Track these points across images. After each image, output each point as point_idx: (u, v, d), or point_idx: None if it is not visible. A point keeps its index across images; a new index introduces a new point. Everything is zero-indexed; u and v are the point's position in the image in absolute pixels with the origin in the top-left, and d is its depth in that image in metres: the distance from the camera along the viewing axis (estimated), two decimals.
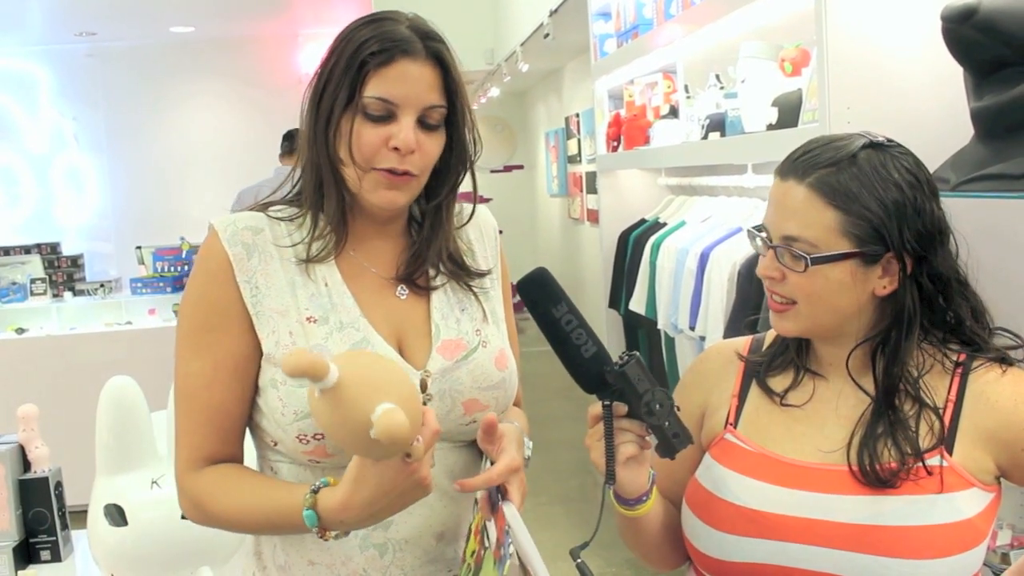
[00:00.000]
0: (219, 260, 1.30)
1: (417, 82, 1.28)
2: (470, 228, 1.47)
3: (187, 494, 1.32)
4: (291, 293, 1.31)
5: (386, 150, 1.28)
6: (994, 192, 1.65)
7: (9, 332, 5.56)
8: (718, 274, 2.98)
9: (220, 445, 1.31)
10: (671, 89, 3.72)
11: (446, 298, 1.40)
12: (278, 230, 1.34)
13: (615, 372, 1.19)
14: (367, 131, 1.28)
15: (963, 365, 1.27)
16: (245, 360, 1.30)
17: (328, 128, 1.29)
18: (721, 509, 1.28)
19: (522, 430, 1.38)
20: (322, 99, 1.30)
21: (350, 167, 1.29)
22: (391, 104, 1.27)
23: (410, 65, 1.27)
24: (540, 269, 1.23)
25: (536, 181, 11.53)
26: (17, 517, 2.16)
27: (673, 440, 1.20)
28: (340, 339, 1.30)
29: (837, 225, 1.22)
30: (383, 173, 1.29)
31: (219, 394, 1.30)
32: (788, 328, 1.30)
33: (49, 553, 2.19)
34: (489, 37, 8.43)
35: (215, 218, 1.34)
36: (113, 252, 7.55)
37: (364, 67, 1.27)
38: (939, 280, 1.25)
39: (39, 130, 7.76)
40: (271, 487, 1.30)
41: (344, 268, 1.35)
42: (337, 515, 1.18)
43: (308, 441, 1.27)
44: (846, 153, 1.23)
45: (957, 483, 1.21)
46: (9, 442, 2.20)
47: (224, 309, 1.30)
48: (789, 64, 2.53)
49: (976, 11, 1.61)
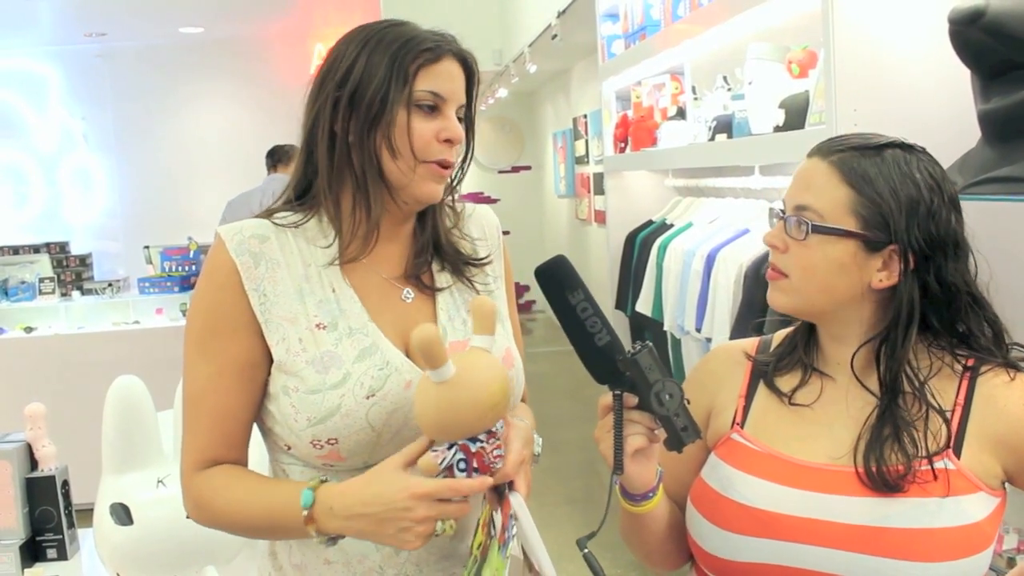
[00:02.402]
0: (227, 269, 1.31)
1: (457, 79, 1.34)
2: (473, 227, 1.48)
3: (191, 495, 1.33)
4: (299, 300, 1.32)
5: (437, 143, 1.32)
6: (1002, 195, 1.64)
7: (17, 331, 5.58)
8: (725, 276, 2.98)
9: (225, 449, 1.33)
10: (678, 90, 3.72)
11: (452, 299, 1.41)
12: (284, 240, 1.35)
13: (627, 359, 1.19)
14: (421, 124, 1.31)
15: (971, 370, 1.26)
16: (252, 366, 1.31)
17: (376, 124, 1.30)
18: (728, 509, 1.28)
19: (531, 427, 1.39)
20: (365, 96, 1.30)
21: (401, 160, 1.31)
22: (440, 98, 1.32)
23: (453, 63, 1.34)
24: (559, 256, 1.24)
25: (544, 182, 11.54)
26: (24, 515, 2.17)
27: (682, 433, 1.20)
28: (349, 344, 1.31)
29: (847, 202, 1.24)
30: (433, 165, 1.32)
31: (225, 399, 1.31)
32: (778, 301, 1.31)
33: (56, 551, 2.20)
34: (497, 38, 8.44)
35: (222, 227, 1.35)
36: (121, 251, 7.58)
37: (416, 62, 1.30)
38: (947, 288, 1.24)
39: (48, 130, 7.79)
40: (273, 483, 1.34)
41: (350, 273, 1.36)
42: (331, 498, 1.21)
43: (322, 446, 1.28)
44: (874, 144, 1.27)
45: (965, 487, 1.21)
46: (16, 440, 2.21)
47: (232, 316, 1.31)
48: (796, 66, 2.53)
49: (983, 13, 1.60)
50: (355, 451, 1.29)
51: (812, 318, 1.32)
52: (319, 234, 1.36)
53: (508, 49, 8.08)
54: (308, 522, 1.22)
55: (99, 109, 7.83)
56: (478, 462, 1.19)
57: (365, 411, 1.28)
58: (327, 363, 1.29)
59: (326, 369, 1.29)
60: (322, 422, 1.27)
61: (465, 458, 1.19)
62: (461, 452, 1.18)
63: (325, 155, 1.33)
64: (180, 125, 7.96)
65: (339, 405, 1.27)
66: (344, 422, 1.27)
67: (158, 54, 7.79)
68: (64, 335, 5.56)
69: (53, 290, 5.87)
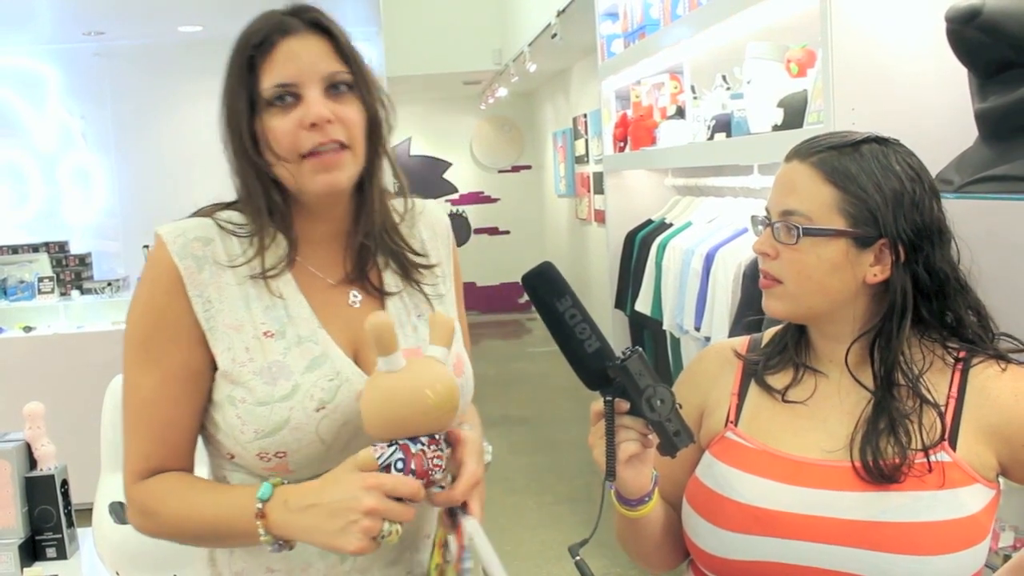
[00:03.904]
0: (169, 273, 1.27)
1: (307, 55, 1.25)
2: (423, 227, 1.44)
3: (135, 503, 1.29)
4: (245, 307, 1.28)
5: (304, 132, 1.24)
6: (998, 194, 1.64)
7: (17, 330, 5.58)
8: (723, 275, 2.98)
9: (170, 458, 1.28)
10: (677, 90, 3.72)
11: (402, 305, 1.38)
12: (230, 244, 1.30)
13: (617, 366, 1.18)
14: (278, 121, 1.25)
15: (963, 361, 1.27)
16: (196, 374, 1.27)
17: (242, 138, 1.26)
18: (724, 507, 1.28)
19: (480, 435, 1.36)
20: (228, 113, 1.27)
21: (280, 165, 1.26)
22: (290, 86, 1.24)
23: (293, 42, 1.25)
24: (545, 263, 1.23)
25: (544, 181, 11.54)
26: (23, 514, 2.17)
27: (674, 438, 1.19)
28: (299, 354, 1.27)
29: (833, 201, 1.24)
30: (312, 157, 1.25)
31: (168, 408, 1.27)
32: (775, 308, 1.31)
33: (55, 550, 2.19)
34: (497, 38, 8.44)
35: (162, 227, 1.30)
36: (120, 251, 7.56)
37: (253, 62, 1.25)
38: (936, 276, 1.25)
39: (47, 129, 7.78)
40: (224, 487, 1.30)
41: (298, 278, 1.31)
42: (287, 492, 1.19)
43: (270, 459, 1.25)
44: (851, 141, 1.27)
45: (961, 479, 1.21)
46: (15, 440, 2.20)
47: (174, 322, 1.26)
48: (795, 65, 2.53)
49: (980, 12, 1.61)
50: (304, 464, 1.25)
51: (809, 321, 1.33)
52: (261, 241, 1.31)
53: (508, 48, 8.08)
54: (259, 517, 1.18)
55: (98, 108, 7.81)
56: (416, 464, 1.17)
57: (315, 424, 1.24)
58: (275, 374, 1.25)
59: (274, 380, 1.24)
60: (270, 435, 1.23)
61: (404, 458, 1.17)
62: (401, 451, 1.17)
63: (235, 177, 1.31)
64: (179, 124, 7.94)
65: (288, 419, 1.23)
66: (293, 436, 1.23)
67: (157, 53, 7.78)
68: (63, 334, 5.57)
69: (52, 289, 5.88)
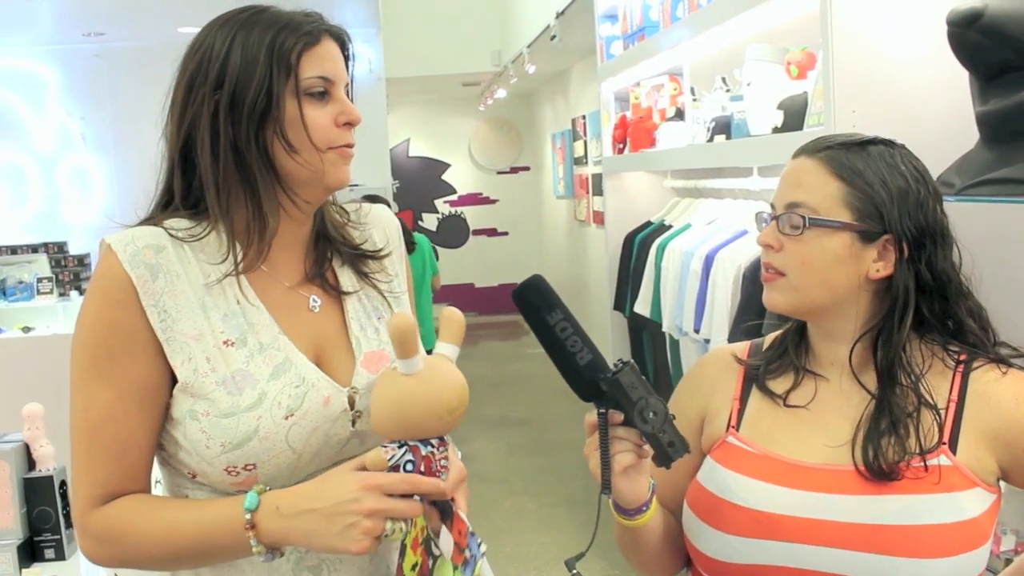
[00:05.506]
0: (119, 283, 1.21)
1: (339, 59, 1.28)
2: (375, 231, 1.42)
3: (92, 533, 1.22)
4: (203, 315, 1.23)
5: (336, 129, 1.25)
6: (999, 196, 1.64)
7: (15, 331, 5.58)
8: (723, 277, 2.98)
9: (127, 481, 1.22)
10: (677, 91, 3.72)
11: (361, 307, 1.35)
12: (182, 251, 1.24)
13: (609, 379, 1.18)
14: (316, 112, 1.24)
15: (964, 364, 1.28)
16: (153, 389, 1.22)
17: (264, 122, 1.22)
18: (726, 511, 1.28)
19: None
20: (247, 95, 1.21)
21: (300, 154, 1.23)
22: (329, 81, 1.25)
23: (331, 43, 1.27)
24: (535, 276, 1.21)
25: (542, 183, 11.53)
26: (22, 515, 2.16)
27: (668, 449, 1.18)
28: (262, 361, 1.23)
29: (840, 195, 1.26)
30: (340, 150, 1.26)
31: (126, 427, 1.21)
32: (777, 301, 1.31)
33: (53, 551, 2.19)
34: (496, 39, 8.44)
35: (109, 236, 1.24)
36: None
37: (297, 47, 1.22)
38: (938, 277, 1.26)
39: (46, 130, 7.79)
40: (200, 502, 1.23)
41: (255, 283, 1.27)
42: (278, 498, 1.15)
43: (238, 472, 1.20)
44: (858, 140, 1.29)
45: (961, 482, 1.21)
46: (14, 441, 2.20)
47: (128, 335, 1.20)
48: (795, 67, 2.53)
49: (981, 15, 1.61)
50: (274, 475, 1.21)
51: (810, 316, 1.32)
52: (217, 249, 1.25)
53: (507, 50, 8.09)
54: (249, 528, 1.14)
55: (97, 109, 7.82)
56: (425, 466, 1.16)
57: (284, 432, 1.20)
58: (240, 383, 1.21)
59: (239, 390, 1.20)
60: (238, 447, 1.19)
61: (413, 460, 1.16)
62: (410, 453, 1.16)
63: (210, 167, 1.22)
64: None
65: (256, 428, 1.19)
66: (263, 446, 1.20)
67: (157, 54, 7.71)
68: (62, 335, 5.55)
69: (51, 290, 5.88)
